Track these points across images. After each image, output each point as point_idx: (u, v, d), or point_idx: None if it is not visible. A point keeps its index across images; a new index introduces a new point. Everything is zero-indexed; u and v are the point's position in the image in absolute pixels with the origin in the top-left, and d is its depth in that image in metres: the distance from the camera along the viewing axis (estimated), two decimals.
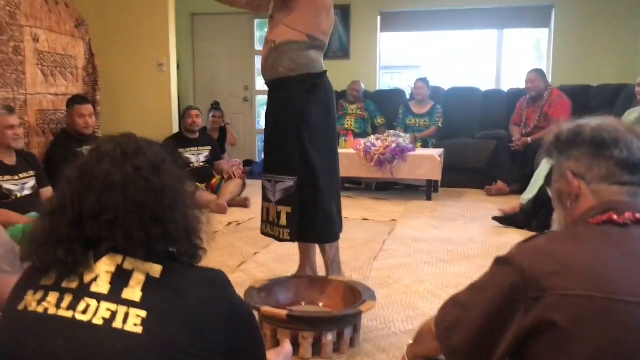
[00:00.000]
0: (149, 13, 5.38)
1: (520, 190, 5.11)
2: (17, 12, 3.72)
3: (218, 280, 1.13)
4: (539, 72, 5.63)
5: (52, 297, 1.04)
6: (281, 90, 2.56)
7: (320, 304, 2.33)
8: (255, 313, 2.17)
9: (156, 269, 1.07)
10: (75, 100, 3.95)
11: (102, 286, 1.04)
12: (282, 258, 3.29)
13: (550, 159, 1.29)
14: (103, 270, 1.05)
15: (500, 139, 5.75)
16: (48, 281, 1.06)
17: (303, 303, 2.32)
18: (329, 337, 2.02)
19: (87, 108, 3.92)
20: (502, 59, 7.29)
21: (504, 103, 6.32)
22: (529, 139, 5.43)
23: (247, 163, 7.17)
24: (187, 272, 1.11)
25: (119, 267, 1.06)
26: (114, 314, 1.01)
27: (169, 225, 1.09)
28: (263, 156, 2.98)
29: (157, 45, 5.39)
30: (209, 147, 5.26)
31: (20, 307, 1.05)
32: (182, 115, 5.29)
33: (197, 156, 5.14)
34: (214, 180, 5.08)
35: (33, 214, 3.37)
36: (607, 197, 1.15)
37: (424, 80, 6.29)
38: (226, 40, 7.75)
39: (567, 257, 1.04)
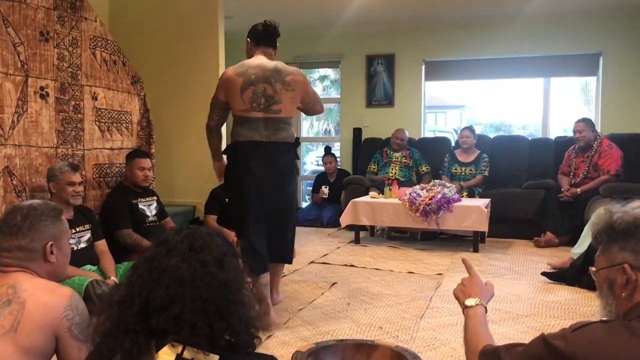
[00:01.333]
0: (201, 68, 5.59)
1: (570, 242, 5.00)
2: (78, 72, 3.94)
3: None
4: (587, 122, 5.55)
5: None
6: None
7: None
8: None
9: (213, 359, 1.11)
10: (136, 154, 4.11)
11: None
12: (328, 315, 3.30)
13: (597, 244, 1.27)
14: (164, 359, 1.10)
15: (549, 189, 5.66)
16: None
17: None
18: None
19: (147, 162, 4.08)
20: (550, 106, 7.22)
21: (551, 152, 6.25)
22: (579, 189, 5.33)
23: None
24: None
25: (179, 357, 1.10)
26: None
27: (232, 320, 1.14)
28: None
29: (209, 98, 5.56)
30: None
31: None
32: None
33: None
34: None
35: (87, 267, 3.49)
36: None
37: (469, 129, 6.29)
38: None
39: (621, 355, 1.03)
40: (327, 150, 7.27)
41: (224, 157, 3.53)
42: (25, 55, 3.49)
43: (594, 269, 1.28)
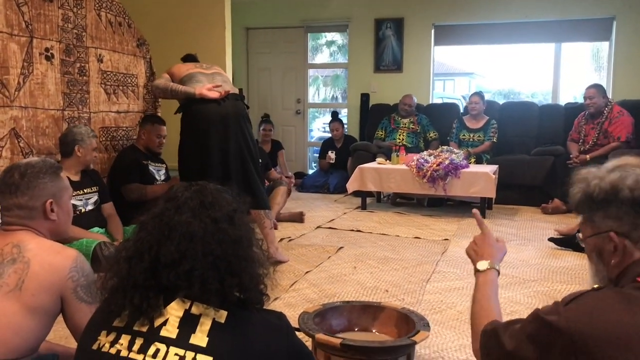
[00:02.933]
0: (206, 30, 5.52)
1: None
2: (83, 34, 3.89)
3: (280, 326, 1.16)
4: (598, 88, 5.47)
5: (124, 339, 1.09)
6: None
7: (374, 331, 2.33)
8: (308, 339, 2.20)
9: (222, 314, 1.11)
10: (154, 120, 4.12)
11: (171, 331, 1.08)
12: (334, 278, 3.31)
13: (579, 214, 1.25)
14: (172, 315, 1.10)
15: (558, 156, 5.61)
16: (120, 323, 1.12)
17: (356, 329, 2.33)
18: None
19: (164, 130, 4.11)
20: (560, 72, 7.12)
21: (561, 118, 6.17)
22: (588, 156, 5.28)
23: (299, 175, 7.24)
24: (251, 317, 1.15)
25: (187, 312, 1.10)
26: (182, 359, 1.05)
27: (243, 276, 1.14)
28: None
29: (214, 61, 5.50)
30: (260, 160, 5.31)
31: (94, 346, 1.10)
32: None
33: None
34: None
35: (95, 229, 3.51)
36: None
37: (479, 94, 6.22)
38: (280, 54, 7.86)
39: (621, 326, 1.01)
40: (334, 115, 7.21)
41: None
42: (30, 15, 3.44)
43: (581, 236, 1.26)
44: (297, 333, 2.19)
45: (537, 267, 3.54)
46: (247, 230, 1.21)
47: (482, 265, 1.55)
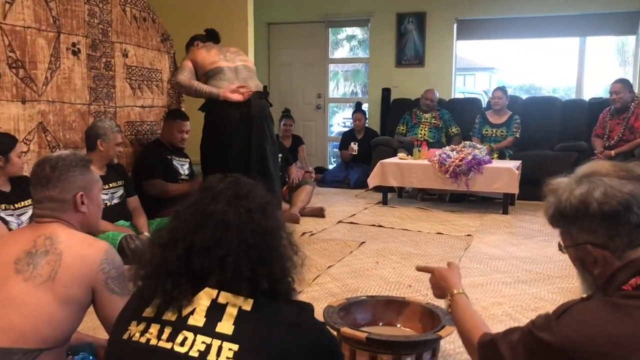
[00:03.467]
0: (229, 25, 5.53)
1: None
2: (109, 29, 3.93)
3: (301, 321, 1.17)
4: (624, 83, 5.39)
5: (154, 328, 1.11)
6: None
7: (398, 325, 2.33)
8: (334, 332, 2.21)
9: (248, 303, 1.13)
10: (177, 115, 4.14)
11: (198, 319, 1.11)
12: (356, 272, 3.32)
13: (556, 228, 1.26)
14: (199, 304, 1.12)
15: (581, 151, 5.55)
16: (150, 313, 1.14)
17: (381, 323, 2.33)
18: None
19: (187, 125, 4.13)
20: (584, 67, 7.02)
21: (585, 113, 6.10)
22: (612, 152, 5.21)
23: (319, 170, 7.25)
24: (276, 307, 1.16)
25: (214, 301, 1.13)
26: (208, 347, 1.08)
27: (274, 267, 1.16)
28: None
29: None
30: (280, 155, 5.32)
31: (125, 336, 1.13)
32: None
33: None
34: (284, 188, 5.16)
35: (121, 222, 3.56)
36: (635, 257, 1.13)
37: (502, 89, 6.16)
38: (301, 49, 7.87)
39: (611, 337, 1.03)
40: (358, 106, 7.18)
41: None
42: (57, 11, 3.49)
43: (562, 246, 1.28)
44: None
45: (560, 264, 3.50)
46: (279, 223, 1.23)
47: (454, 293, 1.67)
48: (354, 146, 6.74)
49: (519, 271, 3.37)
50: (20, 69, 3.26)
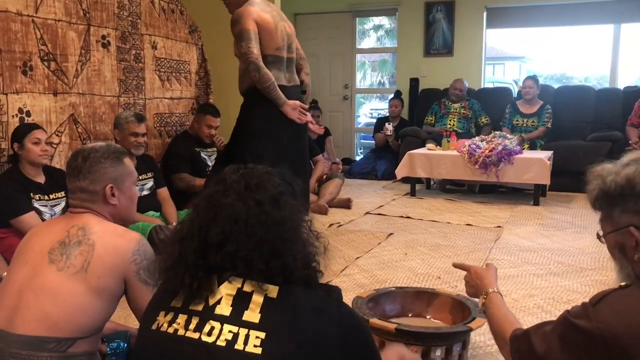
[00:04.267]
0: None
1: None
2: (138, 21, 3.96)
3: (329, 306, 1.16)
4: None
5: (181, 318, 1.12)
6: None
7: (428, 317, 2.31)
8: None
9: (273, 290, 1.13)
10: (208, 111, 4.13)
11: (224, 309, 1.11)
12: (385, 264, 3.30)
13: (597, 210, 1.24)
14: (225, 293, 1.13)
15: (615, 141, 5.42)
16: (177, 303, 1.15)
17: (410, 315, 2.32)
18: (437, 353, 2.00)
19: (217, 121, 4.12)
20: (619, 55, 6.84)
21: (619, 102, 5.95)
22: None
23: (346, 161, 7.22)
24: (301, 293, 1.16)
25: (240, 290, 1.13)
26: (235, 336, 1.08)
27: (287, 258, 1.15)
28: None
29: None
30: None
31: (154, 326, 1.14)
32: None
33: None
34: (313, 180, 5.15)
35: (150, 213, 3.60)
36: None
37: (532, 78, 6.04)
38: (328, 39, 7.83)
39: None
40: (398, 94, 7.10)
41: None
42: (87, 3, 3.52)
43: (601, 233, 1.26)
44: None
45: (593, 256, 3.43)
46: (293, 212, 1.20)
47: (488, 291, 1.64)
48: (389, 126, 6.56)
49: (551, 263, 3.31)
50: (51, 62, 3.31)
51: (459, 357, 2.07)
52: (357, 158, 7.77)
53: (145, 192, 3.62)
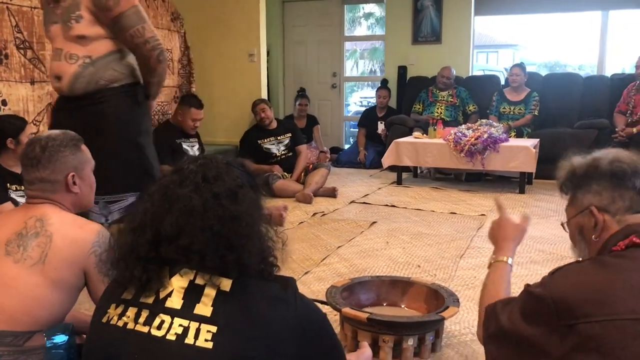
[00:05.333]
0: (241, 4, 5.49)
1: None
2: None
3: (286, 296, 1.14)
4: None
5: (131, 311, 1.09)
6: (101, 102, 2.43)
7: (403, 306, 2.30)
8: (336, 313, 2.19)
9: (226, 283, 1.10)
10: (192, 103, 4.10)
11: (175, 302, 1.08)
12: (366, 253, 3.28)
13: (563, 194, 1.33)
14: (177, 286, 1.10)
15: (602, 129, 5.41)
16: (128, 295, 1.12)
17: (385, 304, 2.31)
18: (410, 342, 1.99)
19: (201, 114, 4.09)
20: (607, 42, 6.81)
21: (606, 90, 5.93)
22: (635, 129, 5.07)
23: (334, 150, 7.20)
24: (256, 286, 1.13)
25: (192, 282, 1.10)
26: (186, 330, 1.05)
27: (243, 253, 1.11)
28: None
29: (248, 36, 5.50)
30: (289, 134, 5.28)
31: (104, 319, 1.11)
32: (252, 111, 5.25)
33: (278, 145, 5.18)
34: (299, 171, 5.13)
35: None
36: (631, 222, 1.18)
37: (519, 66, 6.01)
38: (316, 27, 7.77)
39: (599, 285, 1.08)
40: (384, 83, 7.05)
41: None
42: None
43: (565, 222, 1.34)
44: (324, 306, 2.18)
45: None
46: (251, 206, 1.17)
47: (498, 257, 1.61)
48: (381, 125, 6.53)
49: (532, 251, 3.31)
50: (28, 50, 3.26)
51: (431, 346, 2.06)
52: (346, 147, 7.74)
53: None
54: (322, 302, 2.43)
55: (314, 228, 3.86)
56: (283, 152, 5.18)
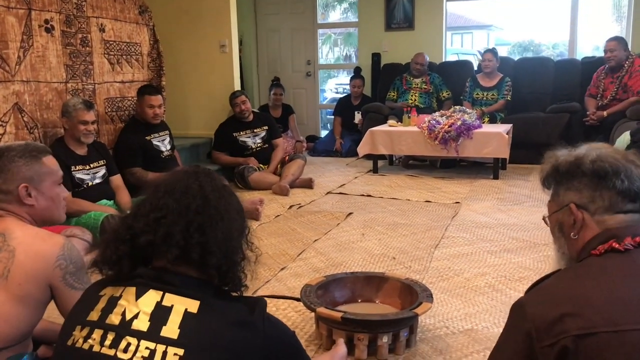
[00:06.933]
0: None
1: None
2: (83, 3, 3.82)
3: (253, 319, 1.13)
4: (619, 41, 5.29)
5: (97, 334, 1.08)
6: None
7: (377, 301, 2.32)
8: (311, 312, 2.19)
9: (194, 305, 1.09)
10: (145, 91, 4.03)
11: (142, 324, 1.08)
12: (342, 245, 3.29)
13: (545, 189, 1.32)
14: (143, 308, 1.09)
15: (574, 113, 5.47)
16: (94, 317, 1.11)
17: (359, 300, 2.32)
18: (384, 339, 2.01)
19: (157, 99, 4.01)
20: (577, 24, 6.86)
21: (578, 73, 5.99)
22: (605, 112, 5.14)
23: (311, 139, 7.18)
24: (224, 308, 1.13)
25: (159, 304, 1.09)
26: (152, 353, 1.04)
27: (209, 238, 1.14)
28: None
29: (219, 26, 5.43)
30: (266, 127, 5.23)
31: (69, 342, 1.10)
32: (230, 103, 5.18)
33: (254, 138, 5.14)
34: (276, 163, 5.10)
35: (103, 202, 3.52)
36: (610, 225, 1.17)
37: (492, 51, 6.04)
38: (289, 14, 7.70)
39: (576, 297, 1.06)
40: (357, 71, 7.00)
41: None
42: None
43: (546, 216, 1.33)
44: (298, 305, 2.17)
45: (547, 230, 3.45)
46: (231, 207, 1.22)
47: None
48: (358, 115, 6.51)
49: (506, 239, 3.35)
50: None
51: (406, 342, 2.08)
52: (322, 135, 7.72)
53: (97, 180, 3.54)
54: (296, 300, 2.45)
55: (290, 221, 3.85)
56: (259, 145, 5.15)
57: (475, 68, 6.52)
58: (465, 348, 2.10)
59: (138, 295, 1.10)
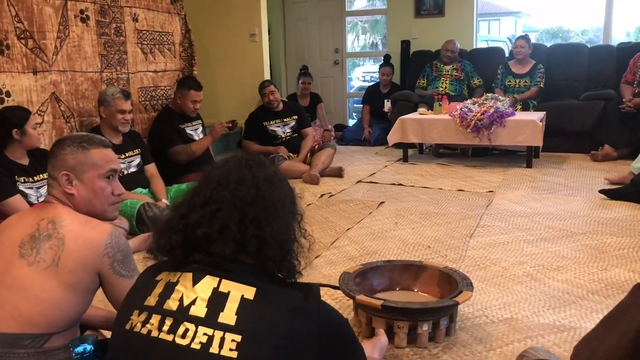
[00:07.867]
0: None
1: (630, 156, 4.78)
2: None
3: (308, 305, 1.13)
4: None
5: (155, 319, 1.09)
6: None
7: (416, 290, 2.31)
8: (349, 300, 2.19)
9: (250, 291, 1.09)
10: (191, 85, 4.04)
11: (199, 310, 1.08)
12: (375, 234, 3.28)
13: None
14: (201, 294, 1.09)
15: (609, 100, 5.35)
16: (151, 302, 1.12)
17: (398, 288, 2.31)
18: (424, 327, 2.00)
19: (200, 95, 4.05)
20: (613, 8, 6.69)
21: (613, 60, 5.85)
22: None
23: (339, 128, 7.15)
24: (279, 294, 1.13)
25: (215, 290, 1.09)
26: (210, 339, 1.05)
27: (265, 230, 1.14)
28: None
29: (249, 15, 5.44)
30: (295, 117, 5.23)
31: (127, 326, 1.11)
32: (259, 93, 5.18)
33: (283, 127, 5.15)
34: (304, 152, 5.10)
35: (138, 190, 3.57)
36: None
37: (524, 38, 5.93)
38: (316, 3, 7.67)
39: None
40: (387, 59, 6.95)
41: None
42: None
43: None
44: (335, 292, 2.18)
45: (585, 219, 3.42)
46: (285, 196, 1.22)
47: None
48: (388, 103, 6.45)
49: (542, 228, 3.30)
50: (29, 40, 3.23)
51: (446, 330, 2.07)
52: (350, 123, 7.69)
53: (132, 169, 3.59)
54: (335, 287, 2.45)
55: (322, 210, 3.86)
56: (288, 134, 5.15)
57: (507, 55, 6.42)
58: (505, 337, 2.08)
59: (195, 281, 1.11)
